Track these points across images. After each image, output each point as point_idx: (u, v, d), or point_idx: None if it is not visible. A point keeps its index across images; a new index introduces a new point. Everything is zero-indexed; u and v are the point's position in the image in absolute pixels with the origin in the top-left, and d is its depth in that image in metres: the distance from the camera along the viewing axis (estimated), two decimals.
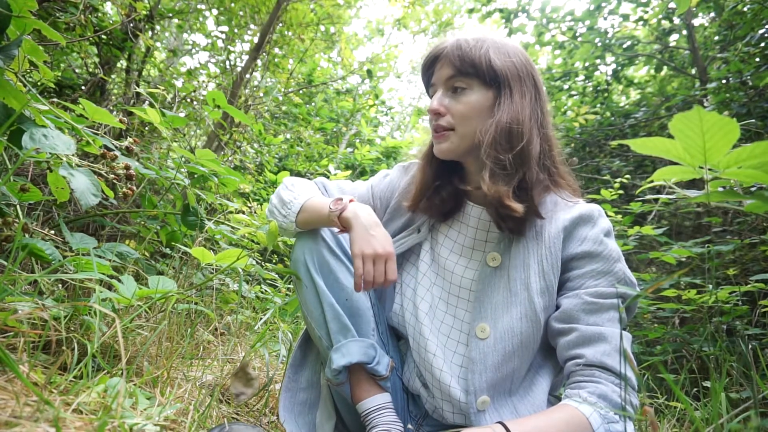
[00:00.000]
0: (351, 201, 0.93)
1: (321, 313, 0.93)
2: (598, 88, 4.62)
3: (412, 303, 0.97)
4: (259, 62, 3.64)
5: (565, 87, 4.91)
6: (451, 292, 0.95)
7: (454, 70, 0.90)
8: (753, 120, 2.75)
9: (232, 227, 1.83)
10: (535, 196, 0.88)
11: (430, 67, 0.95)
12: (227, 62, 3.98)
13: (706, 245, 2.28)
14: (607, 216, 2.51)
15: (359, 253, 0.86)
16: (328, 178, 3.39)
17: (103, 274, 1.00)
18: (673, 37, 4.40)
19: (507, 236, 0.92)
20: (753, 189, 1.53)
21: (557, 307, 0.88)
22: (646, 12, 4.19)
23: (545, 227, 0.90)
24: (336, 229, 0.95)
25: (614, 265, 0.86)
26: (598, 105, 4.53)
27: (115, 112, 2.64)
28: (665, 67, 4.42)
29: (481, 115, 0.89)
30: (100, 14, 2.59)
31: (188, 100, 3.23)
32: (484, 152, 0.87)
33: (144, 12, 2.46)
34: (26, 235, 1.08)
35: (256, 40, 3.52)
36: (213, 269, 1.79)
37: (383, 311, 1.03)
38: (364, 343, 0.92)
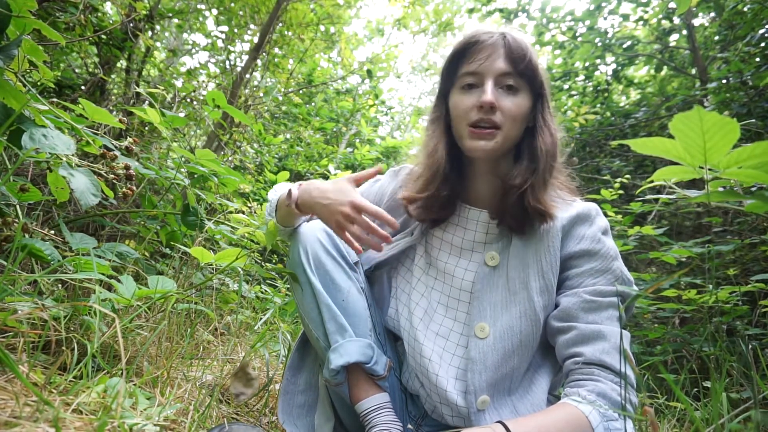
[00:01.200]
0: (300, 186, 0.94)
1: (318, 313, 0.93)
2: (598, 88, 4.61)
3: (407, 308, 0.97)
4: (259, 62, 3.64)
5: (565, 87, 4.91)
6: (451, 294, 0.95)
7: (512, 67, 0.87)
8: (753, 120, 2.75)
9: (232, 227, 1.82)
10: None
11: (476, 53, 0.88)
12: (227, 62, 3.98)
13: (707, 245, 2.28)
14: (608, 216, 2.52)
15: (333, 227, 0.87)
16: (327, 178, 3.39)
17: (103, 274, 1.00)
18: (673, 37, 4.40)
19: (505, 236, 0.92)
20: (753, 189, 1.53)
21: (556, 306, 0.88)
22: (646, 12, 4.19)
23: (543, 226, 0.90)
24: (329, 230, 0.96)
25: (612, 263, 0.87)
26: (598, 105, 4.53)
27: (114, 112, 2.64)
28: (665, 67, 4.42)
29: (523, 121, 0.89)
30: (99, 14, 2.59)
31: (188, 100, 3.23)
32: (544, 160, 0.87)
33: (144, 12, 2.46)
34: (26, 235, 1.08)
35: (256, 40, 3.52)
36: (213, 269, 1.79)
37: (381, 312, 1.03)
38: (362, 343, 0.92)
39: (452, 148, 0.94)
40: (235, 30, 3.90)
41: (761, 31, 2.95)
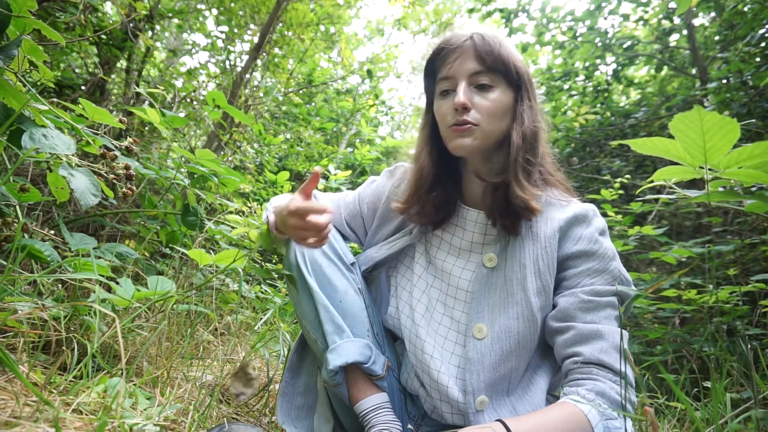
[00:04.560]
0: (274, 208, 0.96)
1: (315, 315, 0.93)
2: (598, 88, 4.61)
3: (408, 305, 0.97)
4: (259, 62, 3.64)
5: (565, 87, 4.91)
6: (449, 293, 0.95)
7: (482, 65, 0.88)
8: (753, 120, 2.75)
9: (232, 227, 1.82)
10: None
11: (446, 58, 0.91)
12: (227, 62, 3.98)
13: (707, 245, 2.28)
14: (608, 216, 2.52)
15: (298, 241, 0.88)
16: (327, 178, 3.38)
17: (102, 276, 1.00)
18: (674, 37, 4.40)
19: (503, 237, 0.93)
20: (753, 189, 1.53)
21: (554, 307, 0.88)
22: (647, 12, 4.19)
23: (540, 227, 0.90)
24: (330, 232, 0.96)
25: (609, 264, 0.87)
26: (598, 105, 4.52)
27: (114, 112, 2.64)
28: (665, 67, 4.42)
29: (504, 115, 0.90)
30: (100, 14, 2.59)
31: (188, 100, 3.23)
32: (516, 153, 0.87)
33: (144, 12, 2.46)
34: (26, 236, 1.08)
35: (256, 40, 3.52)
36: (213, 269, 1.79)
37: (378, 313, 1.03)
38: (360, 343, 0.92)
39: (442, 152, 0.95)
40: (235, 30, 3.90)
41: (761, 31, 2.95)
